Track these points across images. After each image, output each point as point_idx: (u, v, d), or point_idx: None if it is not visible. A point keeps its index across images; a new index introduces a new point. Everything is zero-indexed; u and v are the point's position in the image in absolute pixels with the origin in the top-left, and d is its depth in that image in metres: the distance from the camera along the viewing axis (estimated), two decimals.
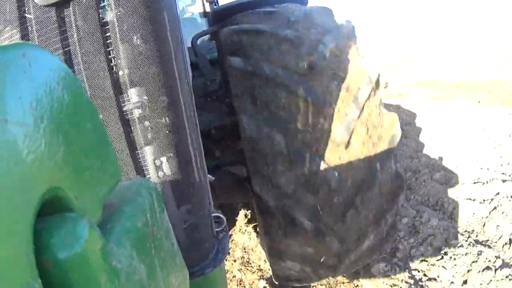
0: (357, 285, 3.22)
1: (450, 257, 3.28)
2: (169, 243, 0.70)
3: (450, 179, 4.51)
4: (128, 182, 0.71)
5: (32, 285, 0.37)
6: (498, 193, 3.95)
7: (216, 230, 1.50)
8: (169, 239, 0.71)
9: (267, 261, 2.82)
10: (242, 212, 4.28)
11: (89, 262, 0.39)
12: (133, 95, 1.16)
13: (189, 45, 2.71)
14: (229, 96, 2.50)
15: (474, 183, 4.33)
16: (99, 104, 1.16)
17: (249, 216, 4.18)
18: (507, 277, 2.98)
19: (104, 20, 1.11)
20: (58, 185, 0.41)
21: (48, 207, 0.40)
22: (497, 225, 3.55)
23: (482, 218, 3.70)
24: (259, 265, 3.59)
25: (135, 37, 1.12)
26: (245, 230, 4.04)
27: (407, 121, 7.15)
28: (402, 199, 2.30)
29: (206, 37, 3.80)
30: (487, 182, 4.25)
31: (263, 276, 3.44)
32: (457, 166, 4.82)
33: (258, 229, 3.62)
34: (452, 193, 4.24)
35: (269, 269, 3.32)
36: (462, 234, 3.57)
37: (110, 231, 0.49)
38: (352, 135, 2.01)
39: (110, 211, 0.55)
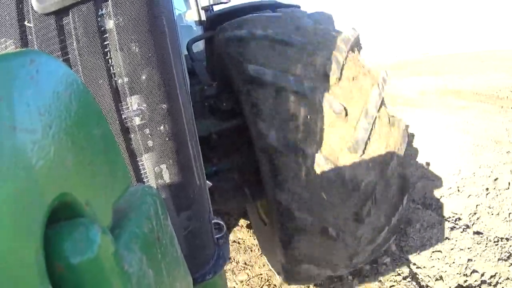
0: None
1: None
2: (174, 249, 0.70)
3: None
4: (131, 189, 0.71)
5: None
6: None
7: (216, 236, 1.50)
8: (173, 245, 0.71)
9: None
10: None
11: (102, 266, 0.39)
12: (132, 103, 1.16)
13: (185, 52, 2.74)
14: (226, 100, 2.54)
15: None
16: None
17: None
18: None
19: (103, 28, 1.11)
20: (68, 191, 0.41)
21: (59, 213, 0.40)
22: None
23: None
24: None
25: (134, 45, 1.13)
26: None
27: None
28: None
29: (201, 46, 3.82)
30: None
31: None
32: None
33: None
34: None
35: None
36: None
37: (119, 236, 0.48)
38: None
39: (116, 217, 0.55)
